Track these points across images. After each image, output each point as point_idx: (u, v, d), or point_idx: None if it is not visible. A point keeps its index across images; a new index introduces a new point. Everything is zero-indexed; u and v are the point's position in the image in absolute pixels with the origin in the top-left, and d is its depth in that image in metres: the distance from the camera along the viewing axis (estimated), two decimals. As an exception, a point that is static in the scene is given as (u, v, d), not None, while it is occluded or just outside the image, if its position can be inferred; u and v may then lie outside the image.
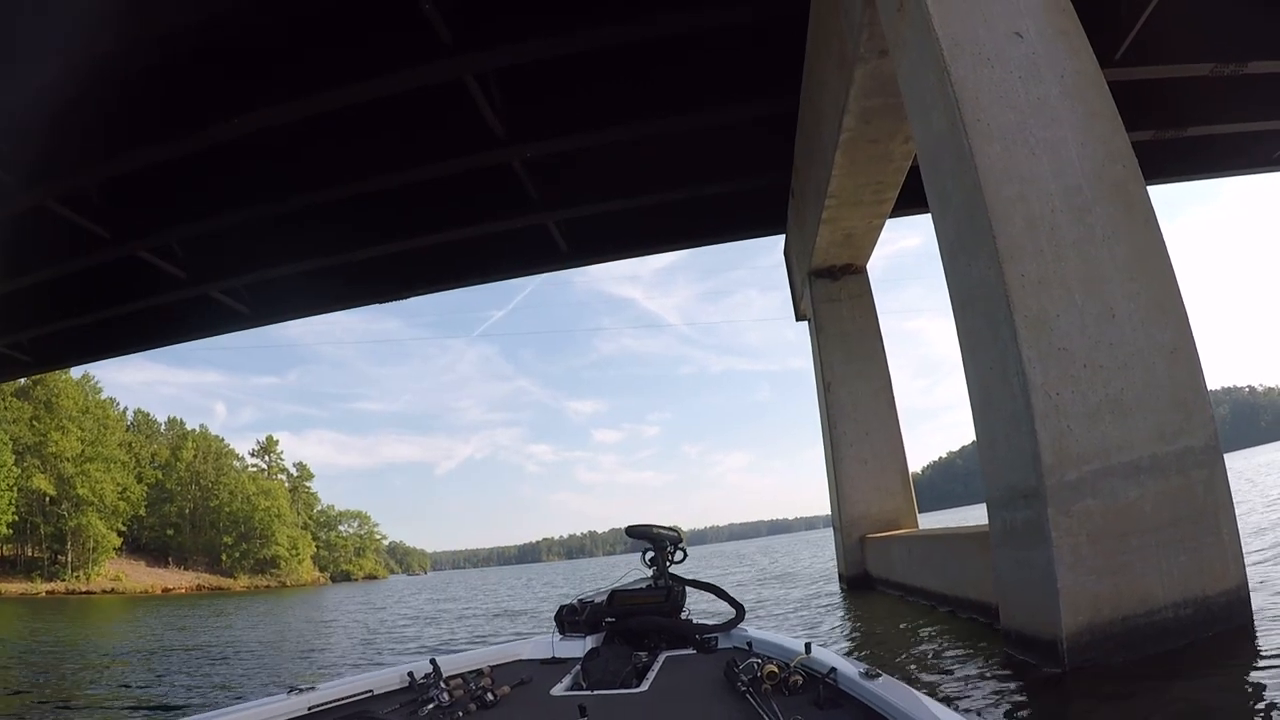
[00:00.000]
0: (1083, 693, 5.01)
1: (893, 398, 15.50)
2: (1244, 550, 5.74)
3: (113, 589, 66.53)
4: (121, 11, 9.03)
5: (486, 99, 11.56)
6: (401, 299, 18.94)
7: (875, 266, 15.75)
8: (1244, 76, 12.99)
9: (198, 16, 9.56)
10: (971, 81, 6.32)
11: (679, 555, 4.37)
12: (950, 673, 6.41)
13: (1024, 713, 5.02)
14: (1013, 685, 5.57)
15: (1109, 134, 6.38)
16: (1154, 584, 5.41)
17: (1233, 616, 5.50)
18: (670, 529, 4.39)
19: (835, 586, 16.34)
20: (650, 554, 4.36)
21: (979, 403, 6.53)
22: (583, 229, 17.00)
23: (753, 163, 15.44)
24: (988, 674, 6.10)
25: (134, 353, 23.52)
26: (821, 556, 31.69)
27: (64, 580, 64.07)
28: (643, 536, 4.37)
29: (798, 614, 12.57)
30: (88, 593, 62.23)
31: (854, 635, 10.13)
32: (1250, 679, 4.70)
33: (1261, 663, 4.92)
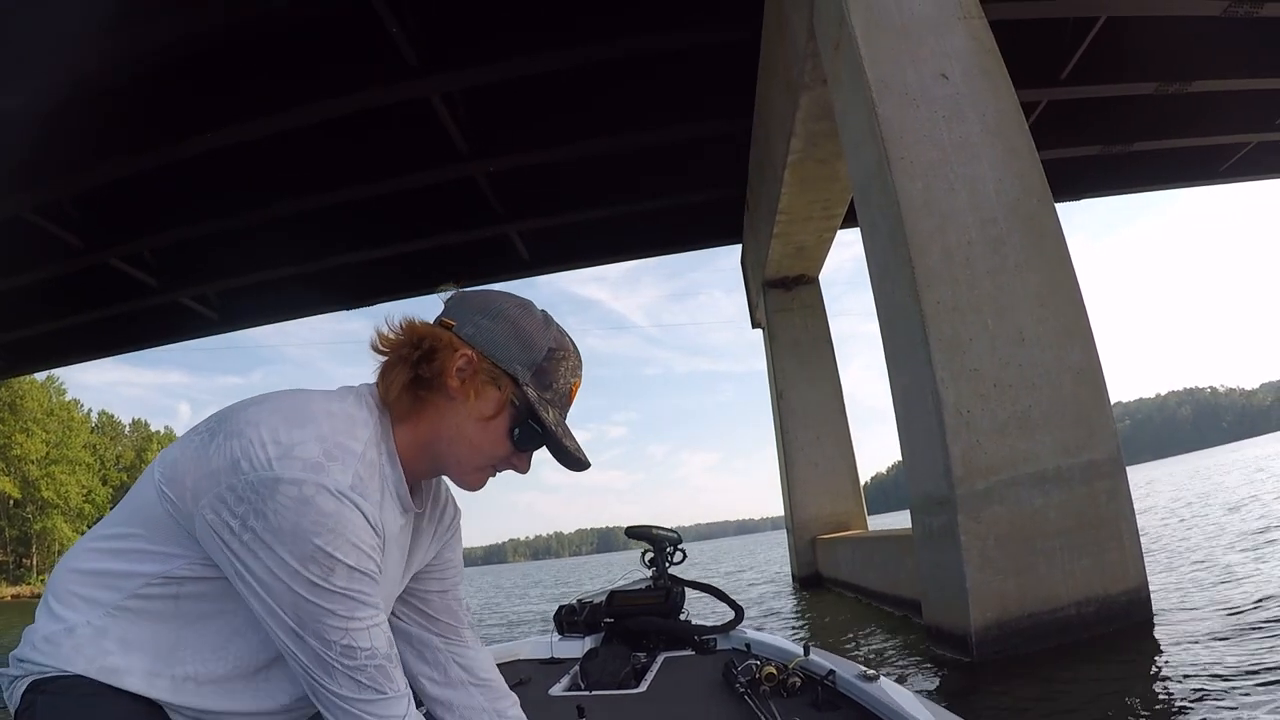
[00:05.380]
0: (988, 680, 5.51)
1: (843, 405, 16.03)
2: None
3: (77, 592, 65.95)
4: (102, 32, 9.32)
5: (452, 116, 11.89)
6: (367, 306, 19.19)
7: (843, 269, 16.32)
8: (1189, 95, 13.59)
9: (173, 35, 9.85)
10: (897, 121, 6.77)
11: (678, 556, 4.29)
12: (877, 662, 6.94)
13: (935, 698, 5.54)
14: (929, 674, 6.10)
15: (1026, 170, 6.83)
16: (1058, 584, 5.89)
17: (1133, 614, 5.98)
18: (670, 530, 4.35)
19: (788, 586, 16.84)
20: (649, 555, 4.30)
21: (902, 417, 7.03)
22: (545, 239, 17.38)
23: (713, 176, 15.86)
24: (909, 664, 6.64)
25: (103, 358, 23.64)
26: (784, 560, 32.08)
27: (29, 584, 63.61)
28: (642, 537, 4.31)
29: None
30: (52, 596, 61.74)
31: (795, 628, 10.67)
32: (1142, 667, 5.21)
33: (1155, 654, 5.43)
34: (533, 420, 1.42)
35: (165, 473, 1.30)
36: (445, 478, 1.59)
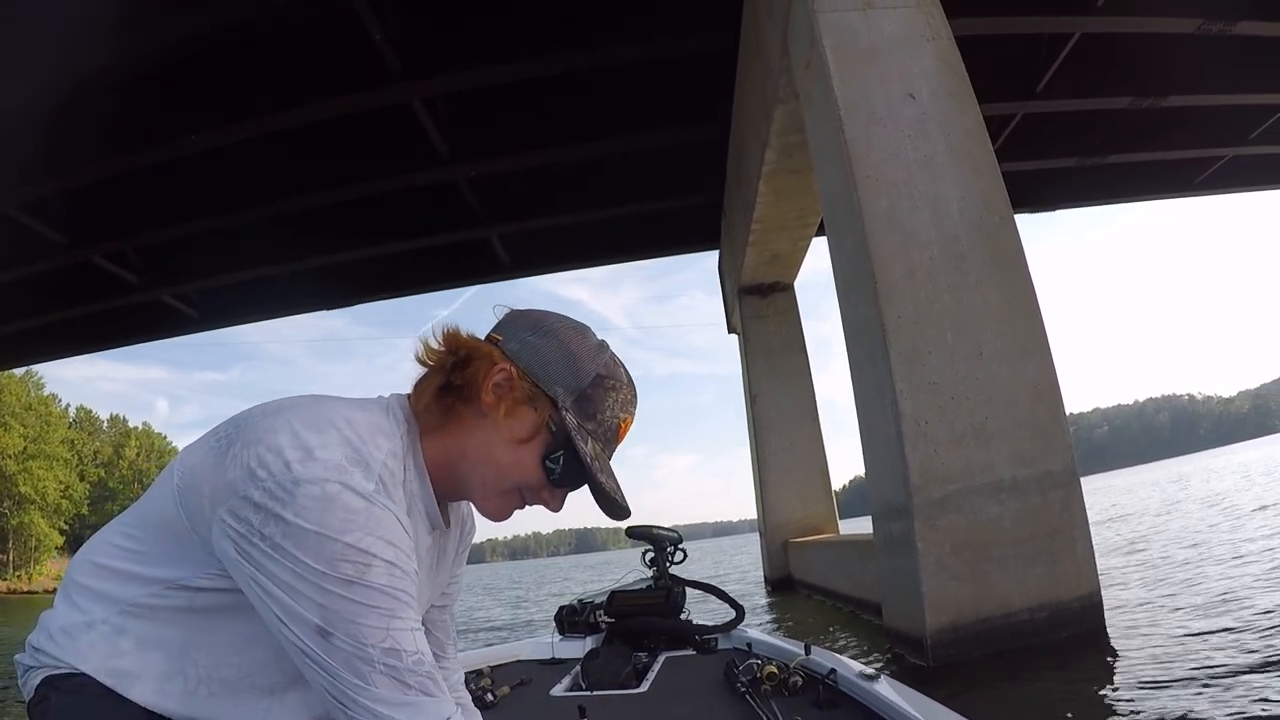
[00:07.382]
0: (942, 682, 5.66)
1: (816, 411, 16.27)
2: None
3: (55, 588, 65.26)
4: (95, 36, 9.44)
5: (433, 121, 12.02)
6: (347, 306, 19.31)
7: (821, 273, 16.20)
8: (1164, 109, 13.82)
9: (164, 39, 9.94)
10: (864, 139, 6.93)
11: (679, 556, 4.31)
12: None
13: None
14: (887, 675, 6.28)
15: (989, 188, 7.00)
16: (1012, 590, 6.04)
17: (1085, 620, 6.14)
18: (670, 530, 4.35)
19: (760, 589, 16.93)
20: (650, 554, 4.29)
21: (864, 427, 7.20)
22: (525, 242, 17.50)
23: (692, 182, 15.94)
24: (869, 665, 6.81)
25: (85, 354, 23.63)
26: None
27: (5, 579, 63.09)
28: (643, 537, 4.30)
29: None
30: (29, 592, 61.19)
31: (758, 629, 10.82)
32: (1092, 670, 5.42)
33: (1106, 657, 5.65)
34: (569, 450, 1.34)
35: (183, 479, 1.25)
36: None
